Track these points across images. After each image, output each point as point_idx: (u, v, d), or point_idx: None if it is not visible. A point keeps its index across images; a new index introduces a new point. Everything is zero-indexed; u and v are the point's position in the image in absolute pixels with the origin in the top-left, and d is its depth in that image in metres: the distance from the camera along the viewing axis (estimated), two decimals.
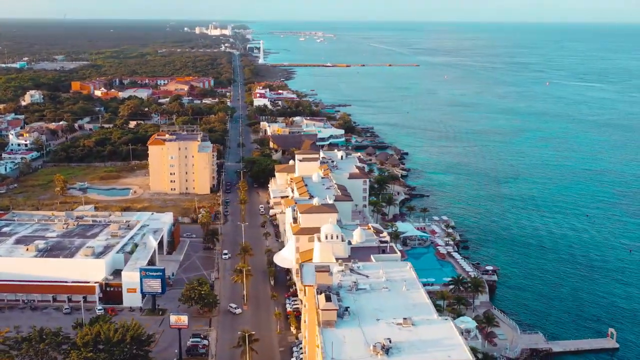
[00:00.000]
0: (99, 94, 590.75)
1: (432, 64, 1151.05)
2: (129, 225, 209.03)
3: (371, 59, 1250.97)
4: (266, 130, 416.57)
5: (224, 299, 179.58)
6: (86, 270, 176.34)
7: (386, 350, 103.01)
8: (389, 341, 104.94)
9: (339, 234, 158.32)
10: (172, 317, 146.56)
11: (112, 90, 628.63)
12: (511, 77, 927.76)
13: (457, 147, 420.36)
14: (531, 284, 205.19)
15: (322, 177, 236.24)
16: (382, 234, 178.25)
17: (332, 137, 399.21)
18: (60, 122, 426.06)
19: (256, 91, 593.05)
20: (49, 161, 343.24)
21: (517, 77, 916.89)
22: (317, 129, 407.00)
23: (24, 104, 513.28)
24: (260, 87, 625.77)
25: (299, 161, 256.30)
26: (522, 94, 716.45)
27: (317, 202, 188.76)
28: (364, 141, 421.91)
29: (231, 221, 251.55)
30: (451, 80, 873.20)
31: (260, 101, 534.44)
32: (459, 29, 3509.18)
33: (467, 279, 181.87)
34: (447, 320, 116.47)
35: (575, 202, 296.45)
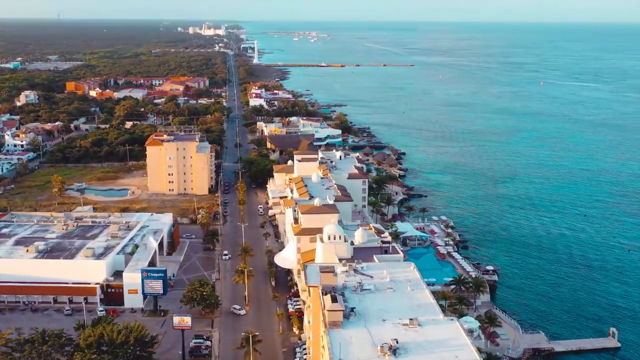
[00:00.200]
0: (93, 94, 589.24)
1: (427, 64, 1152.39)
2: (128, 226, 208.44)
3: (366, 59, 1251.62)
4: (263, 130, 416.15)
5: (225, 299, 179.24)
6: (87, 271, 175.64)
7: (393, 350, 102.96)
8: (396, 342, 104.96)
9: (341, 235, 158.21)
10: (175, 319, 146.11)
11: (107, 90, 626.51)
12: (506, 77, 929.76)
13: (454, 147, 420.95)
14: (531, 283, 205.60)
15: (321, 178, 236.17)
16: (384, 235, 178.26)
17: (329, 137, 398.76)
18: (56, 123, 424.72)
19: (252, 91, 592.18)
20: (45, 162, 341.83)
21: (512, 77, 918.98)
22: (314, 129, 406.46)
23: (18, 104, 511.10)
24: (255, 87, 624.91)
25: (297, 161, 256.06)
26: (517, 94, 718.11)
27: (318, 202, 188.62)
28: (360, 141, 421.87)
29: (230, 222, 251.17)
30: (446, 80, 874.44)
31: (256, 101, 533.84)
32: (455, 29, 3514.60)
33: (468, 279, 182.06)
34: (452, 320, 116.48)
35: (573, 201, 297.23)
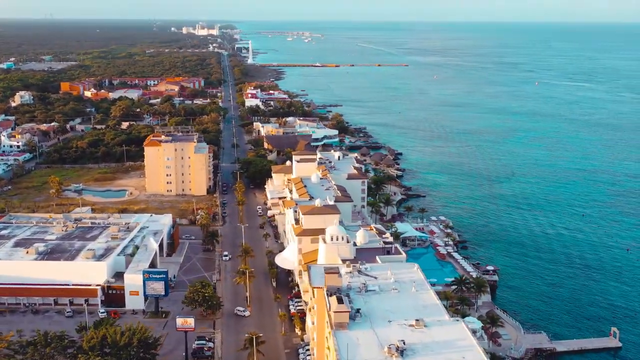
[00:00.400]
0: (89, 94, 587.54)
1: (421, 64, 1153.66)
2: (128, 227, 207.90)
3: (360, 58, 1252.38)
4: (259, 130, 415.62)
5: (226, 301, 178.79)
6: (87, 273, 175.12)
7: (401, 352, 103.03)
8: (403, 343, 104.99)
9: (344, 236, 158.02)
10: (179, 320, 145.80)
11: (102, 91, 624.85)
12: (501, 76, 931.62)
13: (451, 147, 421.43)
14: (531, 283, 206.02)
15: (320, 178, 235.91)
16: (385, 235, 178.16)
17: (325, 137, 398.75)
18: (51, 123, 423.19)
19: (247, 91, 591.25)
20: (42, 163, 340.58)
21: (506, 77, 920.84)
22: (311, 129, 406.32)
23: (13, 104, 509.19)
24: (251, 88, 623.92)
25: (296, 162, 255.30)
26: (512, 94, 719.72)
27: (319, 203, 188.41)
28: (357, 141, 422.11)
29: (229, 222, 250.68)
30: (441, 80, 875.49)
31: (252, 101, 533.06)
32: (447, 29, 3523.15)
33: (470, 280, 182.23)
34: (458, 321, 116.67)
35: (570, 201, 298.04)
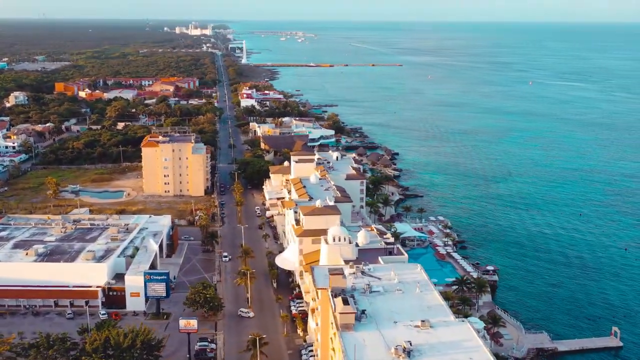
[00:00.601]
0: (83, 95, 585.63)
1: (415, 64, 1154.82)
2: (127, 228, 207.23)
3: (354, 58, 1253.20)
4: (256, 131, 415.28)
5: (227, 302, 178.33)
6: (88, 274, 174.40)
7: (407, 353, 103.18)
8: (410, 344, 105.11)
9: (346, 236, 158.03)
10: (182, 322, 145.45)
11: (97, 91, 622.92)
12: (495, 76, 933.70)
13: (447, 147, 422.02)
14: (530, 283, 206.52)
15: (319, 179, 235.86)
16: (386, 236, 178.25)
17: (322, 137, 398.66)
18: (47, 124, 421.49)
19: (243, 92, 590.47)
20: (38, 163, 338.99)
21: (500, 77, 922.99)
22: (308, 129, 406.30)
23: (8, 105, 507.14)
24: (246, 88, 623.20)
25: (294, 162, 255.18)
26: (506, 94, 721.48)
27: (319, 203, 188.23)
28: (353, 141, 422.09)
29: (228, 223, 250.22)
30: (435, 79, 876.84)
31: (247, 102, 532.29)
32: (439, 28, 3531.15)
33: (470, 280, 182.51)
34: (464, 322, 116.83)
35: (567, 201, 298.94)
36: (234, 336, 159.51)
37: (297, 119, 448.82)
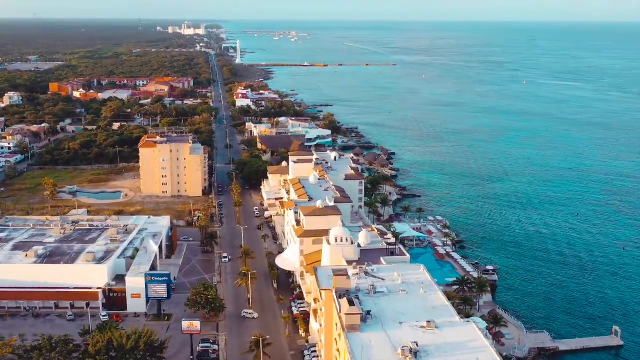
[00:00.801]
0: (77, 95, 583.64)
1: (408, 63, 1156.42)
2: (127, 229, 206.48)
3: (348, 58, 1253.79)
4: (252, 131, 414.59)
5: (228, 303, 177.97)
6: (88, 276, 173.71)
7: (414, 353, 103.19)
8: (416, 344, 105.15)
9: (348, 237, 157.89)
10: (184, 323, 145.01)
11: (91, 91, 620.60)
12: (489, 76, 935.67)
13: (443, 147, 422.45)
14: (529, 283, 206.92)
15: (318, 179, 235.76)
16: (387, 236, 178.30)
17: (319, 137, 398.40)
18: (42, 124, 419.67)
19: (238, 92, 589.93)
20: (34, 164, 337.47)
21: (494, 76, 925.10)
22: (304, 129, 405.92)
23: (2, 105, 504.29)
24: (241, 88, 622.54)
25: (293, 163, 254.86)
26: (501, 93, 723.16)
27: (320, 204, 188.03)
28: (349, 141, 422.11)
29: (227, 224, 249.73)
30: (429, 79, 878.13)
31: (242, 102, 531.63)
32: (431, 28, 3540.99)
33: (471, 280, 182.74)
34: (469, 322, 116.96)
35: (564, 200, 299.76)
36: (236, 337, 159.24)
37: (293, 119, 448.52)
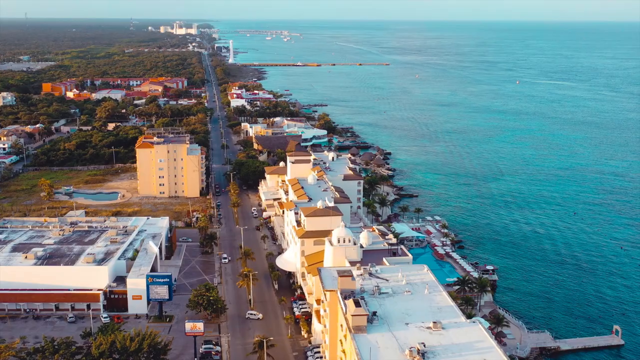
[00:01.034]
0: (71, 95, 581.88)
1: (402, 63, 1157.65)
2: (126, 230, 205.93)
3: (341, 58, 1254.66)
4: (248, 131, 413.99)
5: (229, 304, 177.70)
6: (89, 277, 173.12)
7: (422, 354, 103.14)
8: (423, 345, 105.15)
9: (351, 238, 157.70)
10: (188, 325, 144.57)
11: (84, 91, 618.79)
12: (482, 75, 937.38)
13: (438, 146, 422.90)
14: (529, 282, 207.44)
15: (317, 179, 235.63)
16: (388, 236, 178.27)
17: (314, 137, 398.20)
18: (36, 125, 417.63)
19: (232, 92, 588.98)
20: (29, 165, 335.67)
21: (488, 76, 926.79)
22: (300, 129, 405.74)
23: None
24: (235, 88, 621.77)
25: (291, 163, 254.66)
26: (495, 93, 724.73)
27: (321, 205, 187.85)
28: (345, 141, 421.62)
29: (225, 224, 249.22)
30: (423, 79, 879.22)
31: (237, 102, 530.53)
32: (423, 27, 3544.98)
33: (472, 280, 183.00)
34: (475, 323, 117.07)
35: (560, 200, 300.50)
36: (238, 338, 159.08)
37: (289, 119, 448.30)
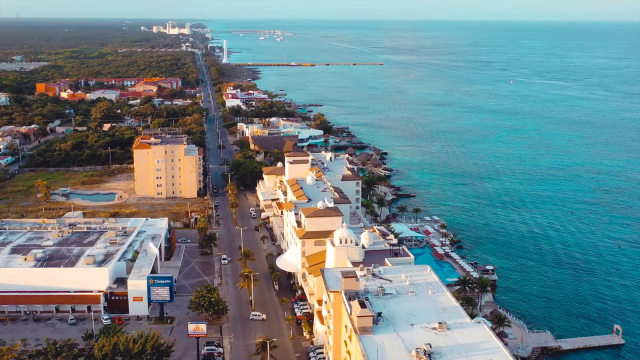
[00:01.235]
0: (65, 95, 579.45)
1: (396, 63, 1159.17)
2: (125, 231, 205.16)
3: (334, 57, 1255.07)
4: (244, 131, 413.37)
5: (230, 305, 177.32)
6: (89, 279, 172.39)
7: (428, 355, 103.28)
8: (430, 346, 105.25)
9: (353, 238, 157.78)
10: (191, 326, 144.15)
11: (79, 92, 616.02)
12: (476, 75, 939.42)
13: (434, 146, 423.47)
14: (528, 282, 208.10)
15: (315, 180, 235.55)
16: (389, 237, 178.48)
17: (311, 137, 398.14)
18: (31, 126, 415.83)
19: (227, 92, 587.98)
20: (25, 166, 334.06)
21: (482, 76, 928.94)
22: (296, 130, 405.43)
23: None
24: (230, 88, 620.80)
25: (289, 163, 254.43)
26: (490, 92, 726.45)
27: (321, 205, 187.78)
28: (341, 141, 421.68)
29: (224, 225, 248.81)
30: (418, 78, 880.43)
31: (232, 102, 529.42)
32: (415, 27, 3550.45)
33: (473, 280, 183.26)
34: (480, 323, 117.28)
35: (556, 199, 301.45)
36: (240, 339, 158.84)
37: (285, 119, 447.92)
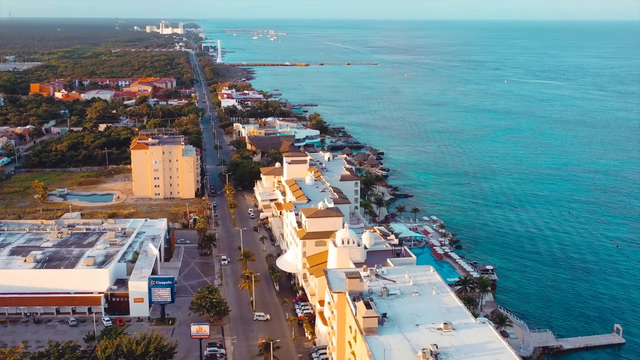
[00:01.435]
0: (59, 95, 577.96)
1: (390, 62, 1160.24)
2: (125, 232, 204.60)
3: (328, 57, 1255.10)
4: (240, 131, 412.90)
5: (231, 305, 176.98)
6: (90, 280, 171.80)
7: (435, 356, 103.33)
8: (436, 347, 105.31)
9: (355, 239, 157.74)
10: (193, 328, 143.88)
11: (73, 92, 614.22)
12: (470, 75, 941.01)
13: (430, 146, 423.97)
14: (528, 281, 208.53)
15: (314, 180, 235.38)
16: (390, 237, 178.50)
17: (307, 137, 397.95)
18: (26, 126, 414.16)
19: (222, 92, 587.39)
20: (21, 167, 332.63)
21: (476, 75, 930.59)
22: (292, 130, 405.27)
23: None
24: (225, 88, 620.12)
25: (287, 164, 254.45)
26: (484, 92, 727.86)
27: (322, 206, 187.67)
28: (337, 141, 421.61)
29: (222, 225, 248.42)
30: (412, 78, 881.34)
31: (228, 102, 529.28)
32: (408, 27, 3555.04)
33: (473, 280, 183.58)
34: (485, 323, 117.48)
35: (553, 199, 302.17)
36: (242, 340, 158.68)
37: (281, 119, 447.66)
